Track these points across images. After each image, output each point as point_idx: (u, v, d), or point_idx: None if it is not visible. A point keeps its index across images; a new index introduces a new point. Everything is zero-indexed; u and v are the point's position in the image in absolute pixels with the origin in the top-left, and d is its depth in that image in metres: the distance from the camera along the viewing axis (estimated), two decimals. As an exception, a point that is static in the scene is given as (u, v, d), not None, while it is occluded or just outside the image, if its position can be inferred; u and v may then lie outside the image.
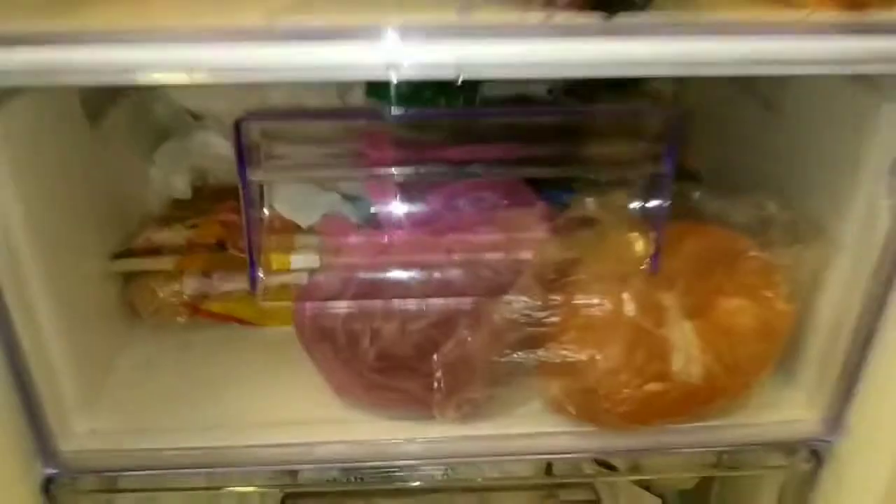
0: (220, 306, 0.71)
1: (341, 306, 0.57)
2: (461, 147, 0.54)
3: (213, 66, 0.44)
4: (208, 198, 0.78)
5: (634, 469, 0.78)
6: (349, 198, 0.68)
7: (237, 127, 0.48)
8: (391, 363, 0.57)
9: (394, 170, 0.52)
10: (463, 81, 0.50)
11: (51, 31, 0.45)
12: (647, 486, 0.82)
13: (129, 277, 0.70)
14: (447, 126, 0.56)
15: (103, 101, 0.67)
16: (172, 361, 0.69)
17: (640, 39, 0.43)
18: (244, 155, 0.48)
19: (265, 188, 0.59)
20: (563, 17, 0.42)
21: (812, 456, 0.63)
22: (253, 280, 0.53)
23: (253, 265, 0.52)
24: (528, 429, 0.61)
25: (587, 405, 0.58)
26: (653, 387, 0.57)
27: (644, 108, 0.52)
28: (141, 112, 0.77)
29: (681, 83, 0.82)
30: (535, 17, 0.42)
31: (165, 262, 0.70)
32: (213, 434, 0.61)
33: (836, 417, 0.61)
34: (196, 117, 0.78)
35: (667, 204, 0.51)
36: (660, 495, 0.82)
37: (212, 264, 0.70)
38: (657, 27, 0.43)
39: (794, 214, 0.59)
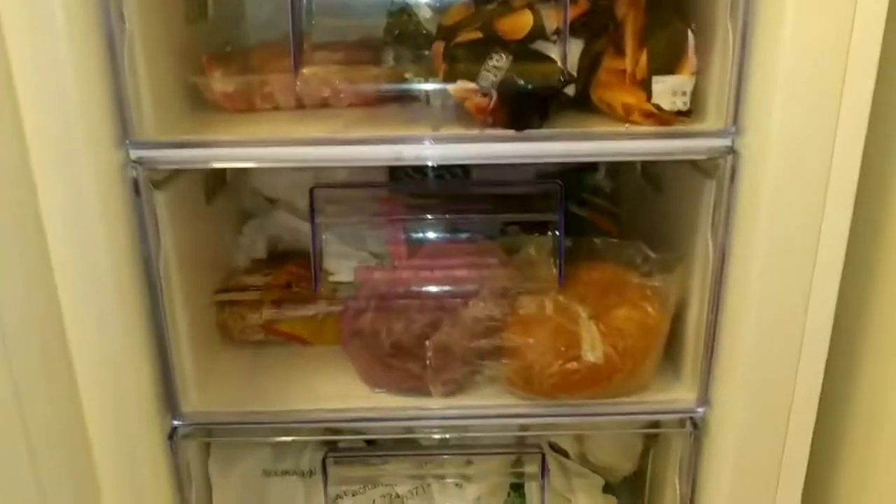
0: (288, 327, 1.02)
1: (368, 313, 0.89)
2: (447, 207, 0.87)
3: (296, 159, 0.78)
4: (278, 258, 1.11)
5: (581, 455, 1.07)
6: (374, 254, 1.01)
7: (311, 192, 0.82)
8: (400, 350, 0.88)
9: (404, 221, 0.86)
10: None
11: (200, 139, 0.80)
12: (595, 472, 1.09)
13: (223, 307, 1.03)
14: (440, 195, 0.90)
15: (214, 188, 1.02)
16: (252, 362, 1.00)
17: (536, 143, 0.77)
18: (314, 207, 0.82)
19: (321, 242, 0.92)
20: (491, 131, 0.76)
21: (692, 424, 0.91)
22: (316, 285, 0.86)
23: (317, 279, 0.85)
24: (494, 401, 0.91)
25: (528, 380, 0.88)
26: (571, 365, 0.86)
27: (542, 185, 0.85)
28: (235, 198, 1.12)
29: (614, 179, 1.16)
30: (475, 130, 0.76)
31: (250, 296, 1.02)
32: (279, 403, 0.92)
33: (704, 395, 0.89)
34: (271, 202, 1.13)
35: (565, 244, 0.83)
36: (606, 482, 1.09)
37: (282, 298, 1.02)
38: (546, 136, 0.77)
39: (663, 255, 0.90)
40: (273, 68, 0.88)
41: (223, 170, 1.03)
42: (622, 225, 1.13)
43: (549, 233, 0.87)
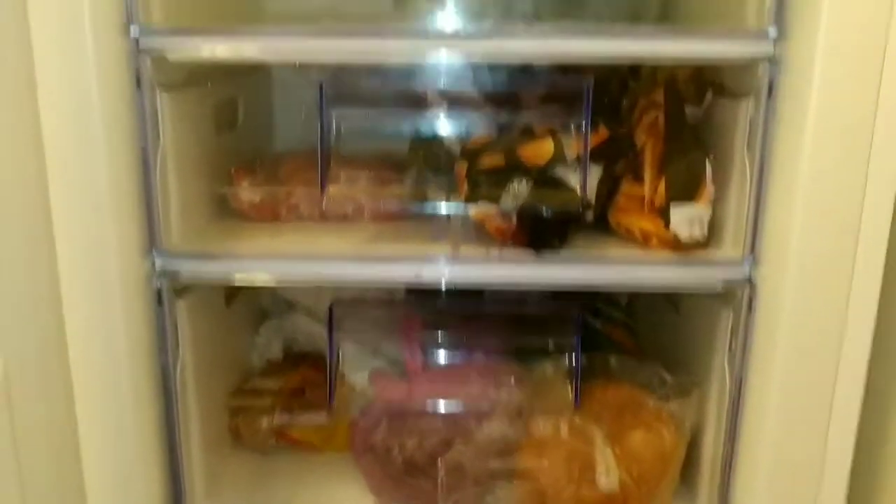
0: (299, 434, 1.01)
1: (381, 428, 0.88)
2: (463, 325, 0.88)
3: (317, 277, 0.79)
4: (293, 360, 1.11)
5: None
6: (391, 360, 1.01)
7: (330, 310, 0.83)
8: (412, 467, 0.87)
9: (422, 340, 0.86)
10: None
11: (224, 251, 0.82)
12: None
13: (236, 411, 1.02)
14: (456, 312, 0.91)
15: (233, 293, 1.03)
16: (262, 468, 0.99)
17: (554, 267, 0.77)
18: (332, 325, 0.83)
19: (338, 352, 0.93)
20: (510, 253, 0.77)
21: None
22: (331, 398, 0.86)
23: (332, 393, 0.85)
24: (504, 524, 0.89)
25: None
26: (585, 491, 0.85)
27: (559, 307, 0.85)
28: (254, 298, 1.13)
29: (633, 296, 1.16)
30: (494, 252, 0.77)
31: (264, 401, 1.02)
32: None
33: (721, 522, 0.87)
34: (290, 304, 1.14)
35: (580, 367, 0.83)
36: None
37: (294, 405, 1.02)
38: (564, 260, 0.78)
39: (679, 378, 0.90)
40: (299, 180, 0.90)
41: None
42: (637, 337, 1.12)
43: (565, 353, 0.87)
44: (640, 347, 1.08)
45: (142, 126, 0.75)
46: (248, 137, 1.05)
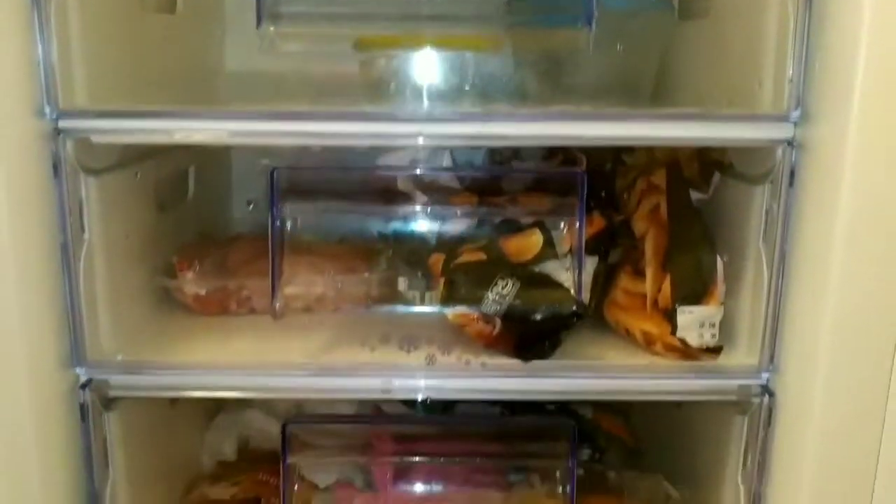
0: (252, 551, 0.89)
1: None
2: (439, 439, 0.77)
3: (269, 389, 0.69)
4: (248, 461, 0.99)
5: None
6: (357, 467, 0.89)
7: (283, 429, 0.71)
8: None
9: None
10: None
11: (162, 361, 0.70)
12: None
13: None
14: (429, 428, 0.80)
15: None
16: None
17: (545, 377, 0.67)
18: (286, 448, 0.71)
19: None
20: (493, 363, 0.67)
21: None
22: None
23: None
24: None
25: None
26: None
27: (551, 422, 0.75)
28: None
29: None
30: (476, 363, 0.66)
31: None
32: None
33: None
34: (245, 400, 1.01)
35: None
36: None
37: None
38: (557, 368, 0.67)
39: (683, 493, 0.79)
40: (253, 269, 0.79)
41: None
42: (631, 425, 1.01)
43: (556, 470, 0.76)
44: (636, 436, 0.97)
45: (62, 217, 0.63)
46: (199, 210, 0.93)
